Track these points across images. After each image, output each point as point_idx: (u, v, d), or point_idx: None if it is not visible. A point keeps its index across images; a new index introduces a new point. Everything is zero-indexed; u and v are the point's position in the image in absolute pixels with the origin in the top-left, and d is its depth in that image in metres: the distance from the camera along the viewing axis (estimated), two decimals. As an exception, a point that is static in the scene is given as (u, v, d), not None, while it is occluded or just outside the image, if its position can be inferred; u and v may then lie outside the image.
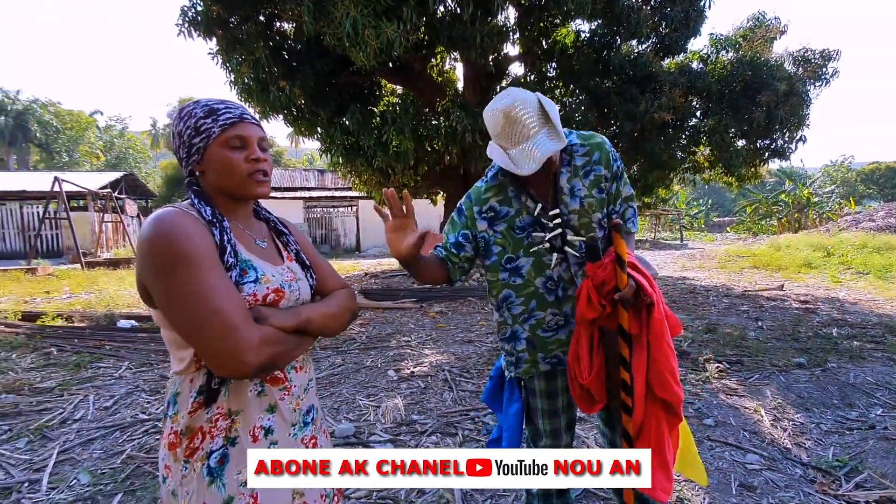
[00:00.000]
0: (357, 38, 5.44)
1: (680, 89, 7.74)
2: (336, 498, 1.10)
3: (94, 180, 17.92)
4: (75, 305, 6.89)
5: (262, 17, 7.00)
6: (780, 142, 8.88)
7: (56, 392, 3.52)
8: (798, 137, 8.76)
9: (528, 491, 1.65)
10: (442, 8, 6.76)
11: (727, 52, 9.09)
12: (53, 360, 4.30)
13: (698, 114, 8.87)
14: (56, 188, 12.92)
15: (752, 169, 9.58)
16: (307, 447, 1.03)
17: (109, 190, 16.62)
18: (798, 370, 3.79)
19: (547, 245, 1.41)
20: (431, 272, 1.44)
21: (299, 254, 1.10)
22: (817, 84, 8.71)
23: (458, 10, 6.51)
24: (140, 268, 0.87)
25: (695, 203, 30.21)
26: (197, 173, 0.97)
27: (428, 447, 2.64)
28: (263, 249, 1.03)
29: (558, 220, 1.40)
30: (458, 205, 1.53)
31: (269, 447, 0.95)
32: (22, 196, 16.68)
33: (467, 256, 1.49)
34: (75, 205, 16.92)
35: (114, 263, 12.58)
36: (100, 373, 3.98)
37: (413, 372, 3.90)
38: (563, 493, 1.63)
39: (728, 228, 27.67)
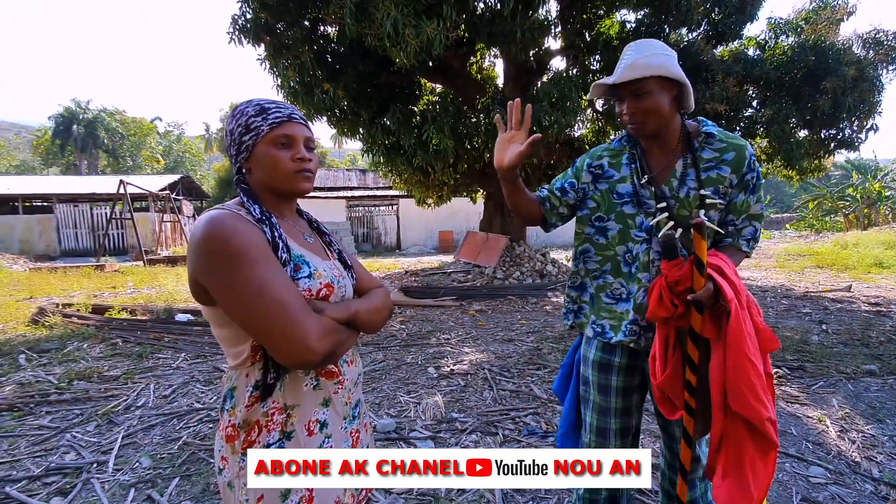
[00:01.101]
0: (398, 37, 5.50)
1: (734, 78, 7.31)
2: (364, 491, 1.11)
3: (155, 183, 19.15)
4: (138, 300, 7.38)
5: (306, 22, 7.20)
6: (847, 131, 8.21)
7: (121, 380, 3.78)
8: (868, 126, 8.07)
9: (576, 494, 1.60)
10: (482, 4, 6.71)
11: (787, 36, 8.49)
12: (119, 350, 4.62)
13: (755, 103, 8.34)
14: (122, 191, 13.88)
15: (816, 161, 8.90)
16: (353, 440, 1.05)
17: (168, 192, 17.72)
18: (868, 378, 3.51)
19: (663, 221, 1.35)
20: (527, 201, 1.49)
21: (341, 254, 1.12)
22: (891, 68, 7.99)
23: (499, 5, 6.44)
24: (195, 266, 0.87)
25: (750, 198, 28.50)
26: (245, 171, 1.00)
27: (468, 446, 2.64)
28: (311, 244, 1.05)
29: (663, 204, 1.35)
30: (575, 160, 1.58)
31: (324, 440, 0.97)
32: (92, 198, 18.04)
33: (568, 203, 1.52)
34: (138, 206, 18.11)
35: (172, 261, 13.38)
36: (160, 363, 4.23)
37: (453, 370, 3.91)
38: (614, 498, 1.56)
39: (788, 225, 25.97)
